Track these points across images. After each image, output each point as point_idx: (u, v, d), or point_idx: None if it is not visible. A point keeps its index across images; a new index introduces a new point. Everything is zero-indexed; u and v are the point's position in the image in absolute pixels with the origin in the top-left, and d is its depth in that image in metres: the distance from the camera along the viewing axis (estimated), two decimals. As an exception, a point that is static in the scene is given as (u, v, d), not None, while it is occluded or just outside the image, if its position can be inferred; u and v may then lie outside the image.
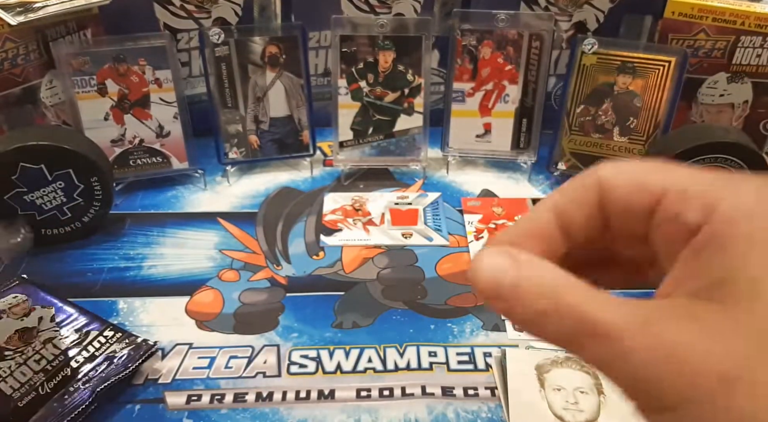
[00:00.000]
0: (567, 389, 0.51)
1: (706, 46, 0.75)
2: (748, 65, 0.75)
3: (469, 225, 0.72)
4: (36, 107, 0.73)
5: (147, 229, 0.71)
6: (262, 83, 0.76)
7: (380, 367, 0.55)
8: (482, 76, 0.78)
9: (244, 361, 0.55)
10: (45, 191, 0.64)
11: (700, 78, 0.77)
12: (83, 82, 0.71)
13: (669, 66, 0.71)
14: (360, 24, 0.74)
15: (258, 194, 0.77)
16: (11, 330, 0.53)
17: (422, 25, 0.74)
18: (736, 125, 0.79)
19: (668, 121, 0.73)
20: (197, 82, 0.84)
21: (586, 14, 0.81)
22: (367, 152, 0.80)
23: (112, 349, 0.52)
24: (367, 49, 0.75)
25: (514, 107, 0.79)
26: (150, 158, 0.76)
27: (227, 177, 0.79)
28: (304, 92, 0.77)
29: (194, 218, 0.73)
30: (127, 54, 0.71)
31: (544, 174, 0.81)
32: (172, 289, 0.63)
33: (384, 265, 0.66)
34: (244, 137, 0.78)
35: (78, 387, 0.48)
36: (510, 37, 0.76)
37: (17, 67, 0.70)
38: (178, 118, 0.75)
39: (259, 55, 0.75)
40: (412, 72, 0.76)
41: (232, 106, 0.77)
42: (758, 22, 0.72)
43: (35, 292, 0.57)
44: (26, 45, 0.70)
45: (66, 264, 0.65)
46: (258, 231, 0.71)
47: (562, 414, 0.49)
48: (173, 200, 0.76)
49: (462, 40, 0.76)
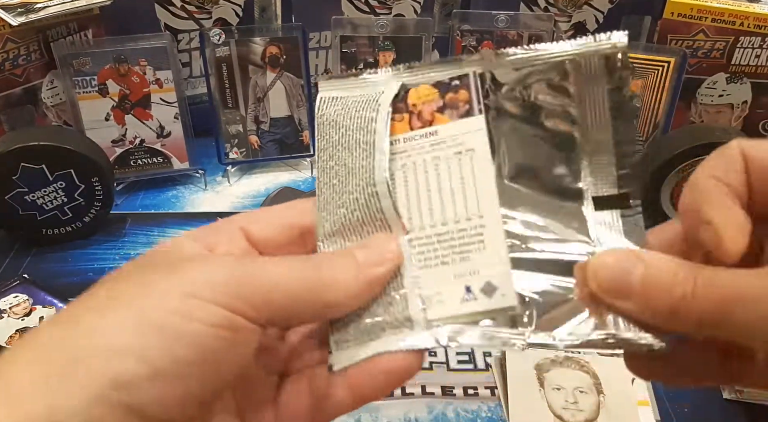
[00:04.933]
0: (566, 388, 0.51)
1: (705, 47, 0.75)
2: (747, 66, 0.75)
3: (469, 225, 0.72)
4: (37, 108, 0.73)
5: (148, 229, 0.71)
6: (262, 84, 0.77)
7: (380, 367, 0.55)
8: (482, 76, 0.78)
9: (245, 361, 0.55)
10: (46, 191, 0.64)
11: (700, 78, 0.77)
12: (84, 83, 0.71)
13: (668, 66, 0.71)
14: (360, 25, 0.74)
15: (258, 194, 0.78)
16: (12, 330, 0.53)
17: (422, 26, 0.74)
18: (735, 125, 0.79)
19: (667, 121, 0.74)
20: (198, 82, 0.84)
21: (586, 15, 0.81)
22: (367, 152, 0.80)
23: (112, 349, 0.52)
24: (367, 50, 0.75)
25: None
26: (151, 158, 0.76)
27: (228, 177, 0.79)
28: (304, 93, 0.77)
29: (195, 218, 0.73)
30: (128, 54, 0.72)
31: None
32: (172, 289, 0.63)
33: (384, 265, 0.66)
34: (244, 137, 0.78)
35: (79, 387, 0.49)
36: (510, 38, 0.76)
37: (18, 68, 0.70)
38: (178, 118, 0.75)
39: (260, 55, 0.75)
40: (412, 72, 0.76)
41: (232, 106, 0.77)
42: (757, 22, 0.73)
43: (36, 292, 0.57)
44: (27, 45, 0.70)
45: (67, 264, 0.65)
46: (258, 231, 0.71)
47: (561, 413, 0.49)
48: (174, 200, 0.76)
49: (462, 41, 0.76)
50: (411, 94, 0.29)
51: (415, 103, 0.29)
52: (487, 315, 0.26)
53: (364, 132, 0.28)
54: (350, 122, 0.29)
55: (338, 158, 0.28)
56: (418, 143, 0.28)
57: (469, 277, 0.26)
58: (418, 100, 0.29)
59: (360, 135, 0.28)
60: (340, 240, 0.28)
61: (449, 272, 0.27)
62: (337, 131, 0.29)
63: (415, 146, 0.28)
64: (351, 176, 0.28)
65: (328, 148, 0.29)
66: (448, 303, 0.26)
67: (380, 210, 0.27)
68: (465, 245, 0.27)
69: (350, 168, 0.28)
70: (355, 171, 0.28)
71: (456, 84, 0.28)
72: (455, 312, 0.26)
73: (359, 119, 0.29)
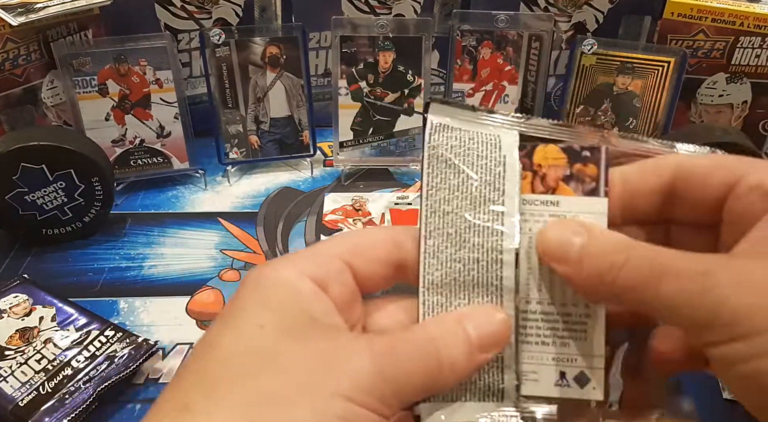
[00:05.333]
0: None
1: (705, 47, 0.75)
2: (747, 66, 0.75)
3: (469, 225, 0.72)
4: (37, 108, 0.73)
5: (148, 229, 0.71)
6: (262, 84, 0.77)
7: (380, 367, 0.55)
8: (482, 76, 0.78)
9: (245, 361, 0.55)
10: (46, 191, 0.64)
11: (700, 78, 0.77)
12: (84, 83, 0.71)
13: (668, 66, 0.71)
14: (360, 25, 0.74)
15: (258, 194, 0.78)
16: (12, 330, 0.53)
17: (422, 26, 0.74)
18: (735, 125, 0.79)
19: (667, 121, 0.74)
20: (198, 82, 0.84)
21: (586, 15, 0.81)
22: (367, 152, 0.80)
23: (112, 349, 0.52)
24: (367, 50, 0.75)
25: (514, 108, 0.79)
26: (151, 158, 0.76)
27: (228, 177, 0.79)
28: (304, 93, 0.77)
29: (195, 218, 0.73)
30: (128, 54, 0.72)
31: (543, 174, 0.81)
32: (172, 289, 0.63)
33: (384, 265, 0.66)
34: (244, 137, 0.78)
35: (79, 387, 0.49)
36: (510, 38, 0.76)
37: (18, 68, 0.70)
38: (178, 118, 0.75)
39: (260, 55, 0.75)
40: (412, 73, 0.76)
41: (232, 106, 0.77)
42: (757, 22, 0.73)
43: (36, 292, 0.57)
44: (27, 45, 0.70)
45: (67, 264, 0.65)
46: (258, 231, 0.71)
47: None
48: (174, 200, 0.76)
49: (462, 41, 0.76)
50: (538, 152, 0.27)
51: (541, 164, 0.27)
52: (576, 403, 0.27)
53: (491, 189, 0.27)
54: (472, 170, 0.27)
55: (457, 206, 0.27)
56: (537, 208, 0.27)
57: (566, 363, 0.27)
58: (544, 161, 0.27)
59: (486, 191, 0.27)
60: (446, 294, 0.27)
61: (548, 353, 0.27)
62: (457, 175, 0.27)
63: (533, 212, 0.27)
64: (473, 232, 0.27)
65: (443, 189, 0.27)
66: (542, 383, 0.27)
67: (499, 278, 0.27)
68: (568, 330, 0.27)
69: (472, 224, 0.27)
70: (478, 230, 0.27)
71: (586, 155, 0.27)
72: (548, 394, 0.26)
73: (483, 171, 0.27)
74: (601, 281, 0.24)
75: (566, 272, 0.25)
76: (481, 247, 0.27)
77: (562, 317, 0.27)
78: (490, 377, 0.27)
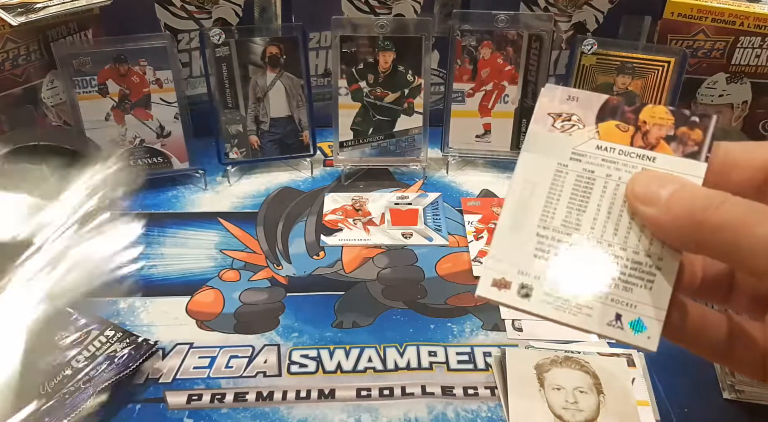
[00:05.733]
0: (566, 388, 0.51)
1: (705, 47, 0.75)
2: (747, 66, 0.75)
3: (469, 225, 0.72)
4: (37, 108, 0.73)
5: (148, 229, 0.71)
6: (262, 84, 0.77)
7: (380, 367, 0.55)
8: (482, 76, 0.78)
9: (245, 361, 0.55)
10: (46, 191, 0.64)
11: (700, 78, 0.77)
12: (84, 83, 0.71)
13: (668, 66, 0.71)
14: (360, 25, 0.74)
15: (258, 194, 0.78)
16: (12, 330, 0.53)
17: (422, 26, 0.74)
18: (735, 125, 0.79)
19: (667, 121, 0.74)
20: (198, 82, 0.84)
21: (586, 15, 0.81)
22: (367, 152, 0.80)
23: (112, 349, 0.52)
24: (367, 50, 0.75)
25: (514, 108, 0.79)
26: (151, 158, 0.76)
27: (228, 177, 0.79)
28: (304, 93, 0.77)
29: (195, 218, 0.73)
30: (128, 54, 0.72)
31: (543, 174, 0.81)
32: (172, 289, 0.63)
33: (384, 265, 0.66)
34: (244, 137, 0.78)
35: (79, 387, 0.49)
36: (509, 38, 0.76)
37: (18, 68, 0.70)
38: (178, 118, 0.75)
39: (260, 55, 0.75)
40: (412, 72, 0.76)
41: (232, 106, 0.77)
42: (757, 22, 0.73)
43: (36, 292, 0.57)
44: (27, 45, 0.70)
45: (67, 264, 0.65)
46: (258, 231, 0.71)
47: (561, 413, 0.49)
48: (174, 200, 0.76)
49: (462, 41, 0.76)
50: (645, 110, 0.29)
51: (646, 121, 0.29)
52: (622, 345, 0.28)
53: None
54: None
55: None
56: (632, 161, 0.28)
57: (624, 307, 0.27)
58: (650, 119, 0.29)
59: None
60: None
61: (609, 294, 0.27)
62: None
63: (626, 162, 0.28)
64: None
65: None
66: (594, 319, 0.27)
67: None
68: (636, 278, 0.27)
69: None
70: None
71: (694, 120, 0.28)
72: (598, 331, 0.27)
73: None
74: (691, 221, 0.24)
75: (652, 214, 0.26)
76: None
77: (632, 263, 0.27)
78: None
